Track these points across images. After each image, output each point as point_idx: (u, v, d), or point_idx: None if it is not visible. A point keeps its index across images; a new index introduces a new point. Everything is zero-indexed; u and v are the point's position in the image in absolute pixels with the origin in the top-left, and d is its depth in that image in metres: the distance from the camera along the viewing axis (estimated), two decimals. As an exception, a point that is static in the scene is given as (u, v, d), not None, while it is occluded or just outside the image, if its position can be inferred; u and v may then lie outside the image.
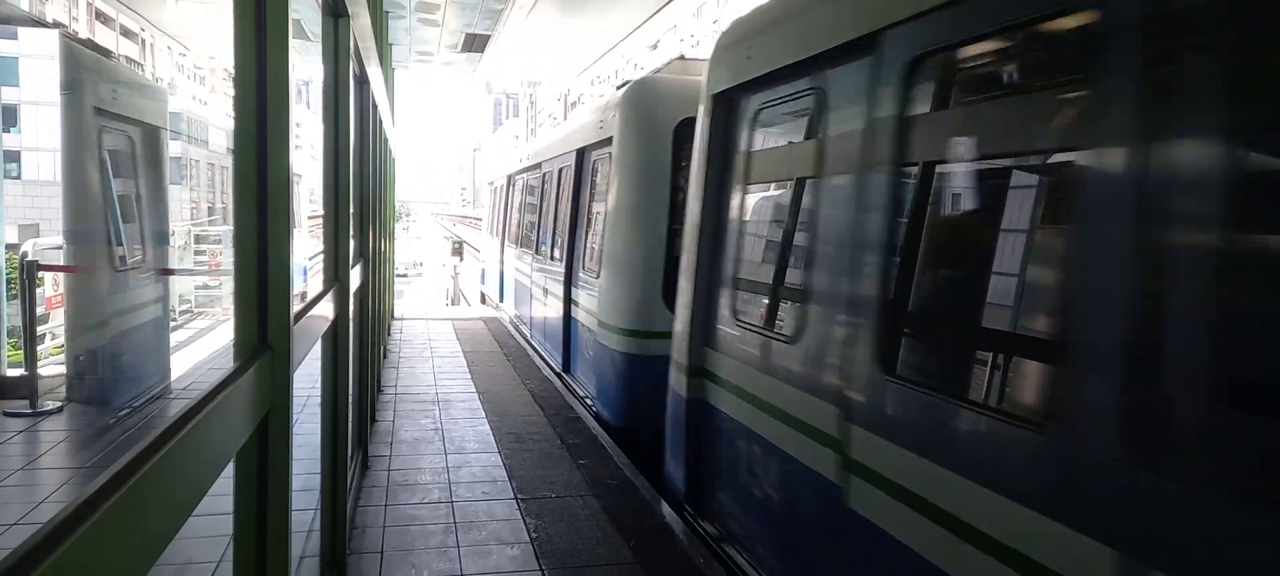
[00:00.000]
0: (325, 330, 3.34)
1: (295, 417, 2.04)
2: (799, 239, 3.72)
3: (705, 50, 6.17)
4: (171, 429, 1.22)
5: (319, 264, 3.73)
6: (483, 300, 18.13)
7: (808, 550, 3.47)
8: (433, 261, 39.46)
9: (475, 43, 11.20)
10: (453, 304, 21.72)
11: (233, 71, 1.79)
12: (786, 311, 3.80)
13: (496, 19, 9.91)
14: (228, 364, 1.74)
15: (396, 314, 14.74)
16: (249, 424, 1.73)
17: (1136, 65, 1.97)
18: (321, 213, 3.85)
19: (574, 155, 8.98)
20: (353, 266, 4.31)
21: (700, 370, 4.62)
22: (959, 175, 2.72)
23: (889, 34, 2.95)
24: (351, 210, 4.27)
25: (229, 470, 1.71)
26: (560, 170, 9.72)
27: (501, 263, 14.65)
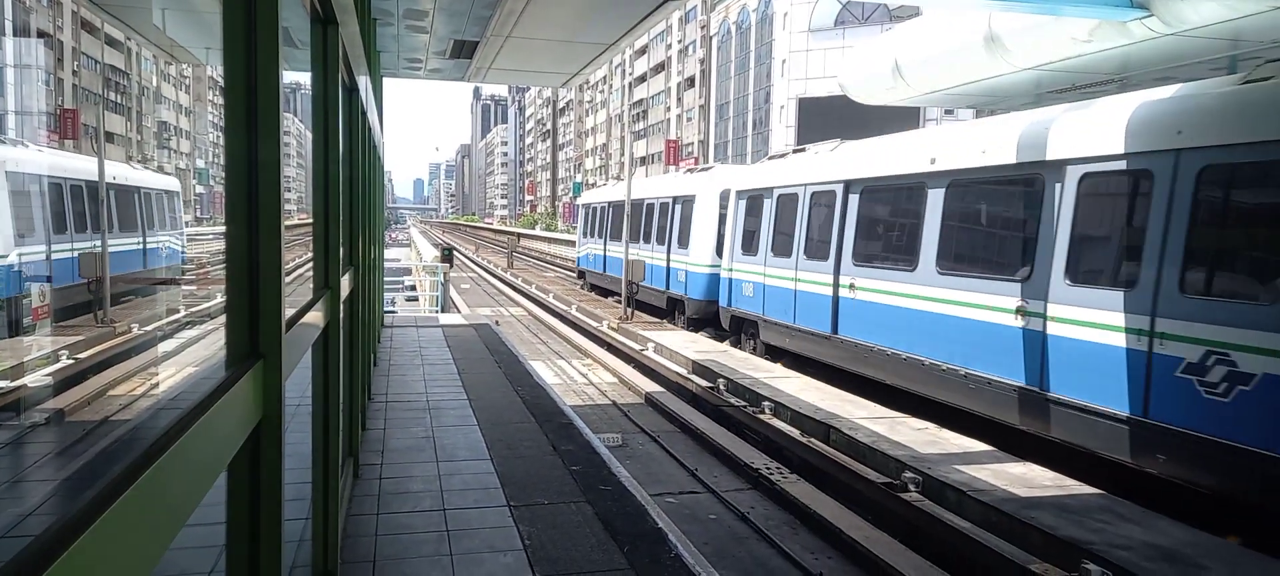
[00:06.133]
0: (316, 338, 3.32)
1: (285, 426, 2.02)
2: None
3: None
4: (164, 440, 1.21)
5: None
6: None
7: None
8: (422, 274, 29.46)
9: (464, 49, 11.17)
10: (443, 311, 21.65)
11: (222, 79, 1.79)
12: None
13: (485, 25, 9.89)
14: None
15: (386, 321, 14.68)
16: (241, 433, 1.71)
17: None
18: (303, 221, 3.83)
19: None
20: (343, 274, 4.29)
21: None
22: None
23: None
24: (341, 218, 4.25)
25: (220, 480, 1.70)
26: None
27: None
